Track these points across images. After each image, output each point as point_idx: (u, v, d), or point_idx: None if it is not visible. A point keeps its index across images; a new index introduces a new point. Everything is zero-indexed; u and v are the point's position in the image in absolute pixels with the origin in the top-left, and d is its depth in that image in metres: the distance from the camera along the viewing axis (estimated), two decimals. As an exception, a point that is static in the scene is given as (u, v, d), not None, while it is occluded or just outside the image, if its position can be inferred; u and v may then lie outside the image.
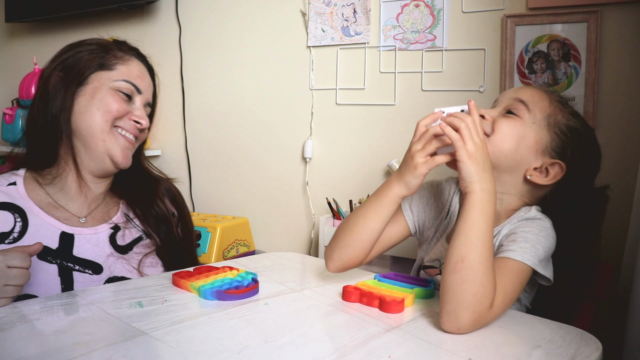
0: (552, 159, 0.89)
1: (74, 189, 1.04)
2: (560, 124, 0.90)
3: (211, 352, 0.62)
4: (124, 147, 1.04)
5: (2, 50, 2.82)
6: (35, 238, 0.96)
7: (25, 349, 0.62)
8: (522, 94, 0.92)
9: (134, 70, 1.07)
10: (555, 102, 0.92)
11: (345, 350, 0.64)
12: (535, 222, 0.86)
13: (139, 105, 1.07)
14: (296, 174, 1.91)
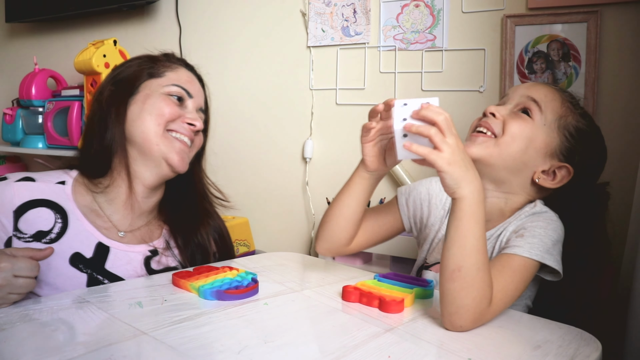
0: (560, 162, 0.88)
1: (122, 200, 1.03)
2: (570, 127, 0.89)
3: (211, 352, 0.62)
4: (180, 150, 1.03)
5: (2, 50, 2.82)
6: (72, 242, 0.96)
7: (25, 349, 0.62)
8: (535, 93, 0.90)
9: (182, 76, 1.08)
10: (567, 103, 0.91)
11: (345, 350, 0.64)
12: (542, 215, 0.86)
13: (191, 109, 1.07)
14: (296, 174, 1.91)
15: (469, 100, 1.59)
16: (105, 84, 1.08)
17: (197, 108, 1.08)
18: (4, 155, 2.62)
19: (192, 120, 1.04)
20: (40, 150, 2.23)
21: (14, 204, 0.93)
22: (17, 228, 0.93)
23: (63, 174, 1.03)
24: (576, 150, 0.88)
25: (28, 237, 0.94)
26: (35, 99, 2.24)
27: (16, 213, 0.93)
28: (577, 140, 0.89)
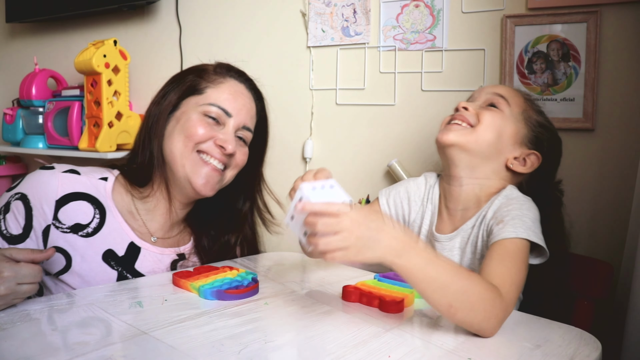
0: (529, 150, 0.97)
1: (160, 212, 1.05)
2: (533, 119, 0.99)
3: (211, 352, 0.62)
4: (206, 174, 1.01)
5: (3, 50, 2.82)
6: (107, 239, 0.98)
7: (25, 348, 0.62)
8: (500, 90, 1.01)
9: (224, 92, 1.04)
10: (528, 100, 1.03)
11: (345, 350, 0.64)
12: (515, 199, 0.91)
13: (229, 130, 1.03)
14: (296, 174, 1.90)
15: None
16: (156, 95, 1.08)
17: (237, 127, 1.04)
18: (4, 155, 2.62)
19: (222, 143, 1.01)
20: (41, 150, 2.23)
21: (57, 193, 0.96)
22: (57, 217, 0.95)
23: (106, 171, 1.05)
24: (542, 138, 0.99)
25: (66, 227, 0.96)
26: (36, 99, 2.24)
27: (58, 203, 0.95)
28: (542, 131, 1.00)
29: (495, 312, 0.69)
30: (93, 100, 1.99)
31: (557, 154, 1.08)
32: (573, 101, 1.44)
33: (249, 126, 1.07)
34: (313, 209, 0.62)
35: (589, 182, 1.44)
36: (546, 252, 0.84)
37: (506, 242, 0.80)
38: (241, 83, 1.09)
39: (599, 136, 1.42)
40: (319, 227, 0.61)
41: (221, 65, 1.10)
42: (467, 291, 0.67)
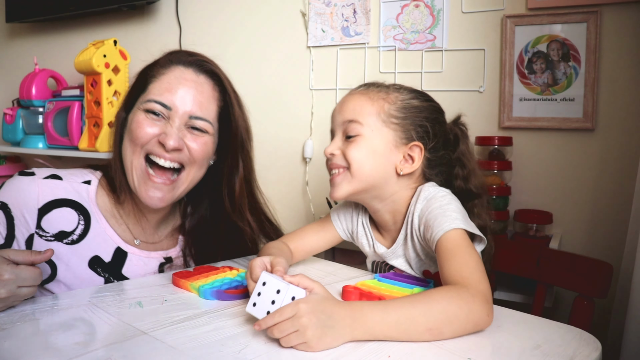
0: (406, 145, 0.90)
1: (137, 217, 1.01)
2: (390, 113, 0.89)
3: (211, 352, 0.62)
4: (152, 186, 0.93)
5: (3, 50, 2.82)
6: (92, 245, 0.95)
7: (25, 348, 0.62)
8: (346, 113, 0.90)
9: (164, 83, 0.94)
10: (376, 96, 0.91)
11: (345, 350, 0.64)
12: (432, 199, 0.88)
13: (174, 124, 0.92)
14: (296, 174, 1.91)
15: (468, 100, 1.59)
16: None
17: (184, 118, 0.93)
18: (4, 155, 2.62)
19: (162, 139, 0.90)
20: (41, 150, 2.23)
21: (39, 202, 0.92)
22: (40, 226, 0.92)
23: (89, 173, 1.01)
24: (409, 126, 0.90)
25: (50, 236, 0.93)
26: (36, 99, 2.25)
27: (40, 211, 0.92)
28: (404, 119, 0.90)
29: (472, 307, 0.69)
30: (93, 100, 1.99)
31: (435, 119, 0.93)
32: (573, 101, 1.44)
33: (200, 115, 0.94)
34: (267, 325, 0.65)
35: (589, 182, 1.44)
36: (480, 236, 0.84)
37: (442, 241, 0.80)
38: (187, 68, 0.97)
39: (599, 136, 1.42)
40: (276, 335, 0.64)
41: (167, 54, 1.00)
42: (433, 310, 0.68)
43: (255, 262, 0.80)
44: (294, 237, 1.02)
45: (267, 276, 0.70)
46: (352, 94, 0.93)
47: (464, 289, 0.71)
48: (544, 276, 1.09)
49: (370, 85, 0.94)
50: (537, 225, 1.41)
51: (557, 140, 1.48)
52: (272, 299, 0.68)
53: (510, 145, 1.48)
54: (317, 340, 0.63)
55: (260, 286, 0.70)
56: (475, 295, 0.70)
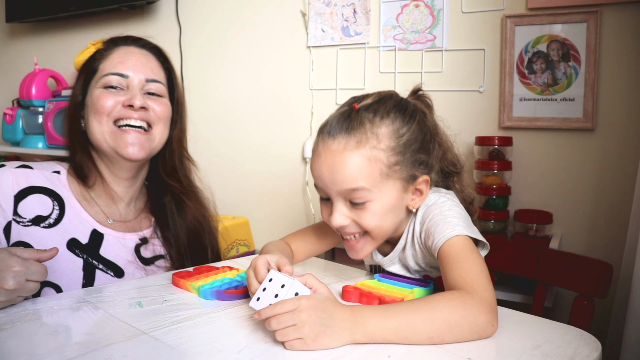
0: (414, 183, 0.84)
1: (110, 197, 1.06)
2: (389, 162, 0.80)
3: (211, 352, 0.62)
4: (130, 139, 1.00)
5: (3, 50, 2.82)
6: (68, 228, 0.98)
7: (25, 348, 0.62)
8: (345, 182, 0.79)
9: (113, 59, 1.04)
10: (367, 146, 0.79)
11: (344, 350, 0.64)
12: (433, 205, 0.85)
13: (133, 88, 1.02)
14: (296, 174, 1.91)
15: (468, 100, 1.59)
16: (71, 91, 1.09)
17: (141, 83, 1.03)
18: (4, 155, 2.62)
19: (128, 102, 1.00)
20: (41, 150, 2.23)
21: (14, 189, 0.95)
22: (17, 212, 0.95)
23: (57, 164, 1.05)
24: (410, 164, 0.82)
25: (27, 221, 0.95)
26: (36, 99, 2.25)
27: (16, 198, 0.95)
28: (403, 159, 0.81)
29: (477, 317, 0.68)
30: (93, 100, 1.99)
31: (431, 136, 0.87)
32: (573, 101, 1.44)
33: (154, 78, 1.05)
34: (267, 315, 0.64)
35: (589, 182, 1.44)
36: (482, 241, 0.82)
37: (444, 248, 0.78)
38: (129, 45, 1.07)
39: (599, 136, 1.42)
40: (273, 326, 0.63)
41: (108, 40, 1.09)
42: (435, 319, 0.67)
43: (259, 260, 0.79)
44: (295, 238, 1.02)
45: (275, 274, 0.71)
46: (339, 153, 0.79)
47: (468, 296, 0.69)
48: (544, 276, 1.09)
49: (350, 129, 0.80)
50: (537, 225, 1.41)
51: (557, 140, 1.48)
52: (275, 292, 0.68)
53: (510, 145, 1.48)
54: (313, 337, 0.62)
55: (266, 282, 0.71)
56: (481, 304, 0.68)
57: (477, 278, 0.72)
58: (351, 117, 0.81)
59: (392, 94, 0.88)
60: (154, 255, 1.08)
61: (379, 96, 0.85)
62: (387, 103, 0.84)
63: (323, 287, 0.69)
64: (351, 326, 0.65)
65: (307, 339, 0.62)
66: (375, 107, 0.82)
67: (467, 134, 1.53)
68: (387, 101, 0.84)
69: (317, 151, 0.83)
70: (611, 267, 1.00)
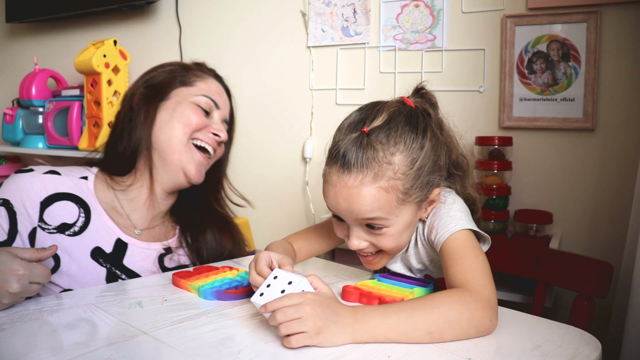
0: (427, 198, 0.83)
1: (142, 201, 1.06)
2: (405, 189, 0.78)
3: (211, 352, 0.62)
4: (199, 162, 1.05)
5: (3, 50, 2.82)
6: (94, 237, 0.99)
7: (25, 349, 0.62)
8: (362, 212, 0.78)
9: (212, 86, 1.10)
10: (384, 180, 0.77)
11: (344, 350, 0.64)
12: (439, 204, 0.86)
13: (217, 119, 1.09)
14: (296, 174, 1.91)
15: (468, 100, 1.59)
16: (137, 86, 1.09)
17: (222, 119, 1.10)
18: (4, 155, 2.62)
19: (217, 131, 1.06)
20: (41, 150, 2.23)
21: (41, 195, 0.96)
22: (42, 219, 0.95)
23: (85, 170, 1.06)
24: (424, 185, 0.80)
25: (52, 228, 0.96)
26: (36, 99, 2.25)
27: (42, 204, 0.96)
28: (417, 183, 0.80)
29: (474, 312, 0.68)
30: (93, 100, 1.99)
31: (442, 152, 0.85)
32: (573, 101, 1.44)
33: (229, 121, 1.14)
34: (274, 307, 0.65)
35: (589, 182, 1.44)
36: (485, 236, 0.82)
37: (447, 243, 0.78)
38: (219, 82, 1.15)
39: (599, 136, 1.42)
40: (278, 318, 0.64)
41: (199, 64, 1.16)
42: (433, 314, 0.67)
43: (261, 254, 0.81)
44: (298, 237, 1.02)
45: (280, 271, 0.72)
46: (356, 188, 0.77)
47: (466, 293, 0.70)
48: (544, 276, 1.09)
49: (366, 161, 0.77)
50: (537, 225, 1.41)
51: (557, 140, 1.48)
52: (282, 288, 0.69)
53: (510, 145, 1.48)
54: (317, 330, 0.63)
55: (271, 279, 0.72)
56: (478, 300, 0.69)
57: (477, 275, 0.73)
58: (363, 146, 0.77)
59: (400, 109, 0.82)
60: (178, 265, 1.08)
61: (388, 114, 0.80)
62: (398, 122, 0.80)
63: (327, 289, 0.71)
64: (353, 323, 0.65)
65: (310, 333, 0.63)
66: (386, 130, 0.78)
67: (467, 134, 1.53)
68: (397, 119, 0.80)
69: (330, 181, 0.83)
70: (611, 267, 1.00)
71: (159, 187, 1.06)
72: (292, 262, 0.85)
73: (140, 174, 1.06)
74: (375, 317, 0.67)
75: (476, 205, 0.95)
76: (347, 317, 0.66)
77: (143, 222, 1.07)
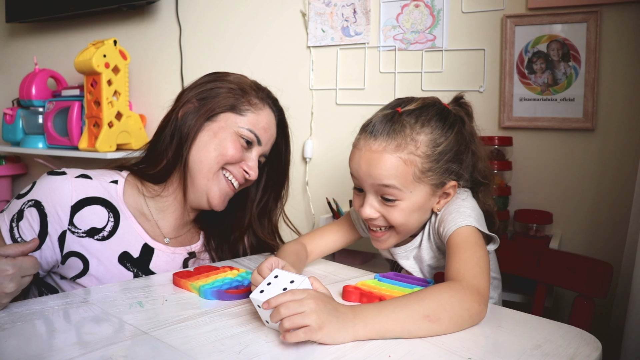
0: (443, 188, 0.89)
1: (173, 211, 1.07)
2: (423, 167, 0.85)
3: (211, 352, 0.62)
4: (224, 191, 1.04)
5: (3, 50, 2.82)
6: (122, 241, 1.00)
7: (25, 349, 0.62)
8: (379, 177, 0.84)
9: (262, 121, 1.07)
10: (405, 151, 0.84)
11: (344, 350, 0.64)
12: (452, 201, 0.90)
13: (254, 156, 1.06)
14: (296, 174, 1.91)
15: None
16: (191, 94, 1.06)
17: (260, 154, 1.08)
18: (4, 155, 2.62)
19: (249, 169, 1.04)
20: (41, 150, 2.23)
21: (72, 199, 0.96)
22: (72, 222, 0.96)
23: (115, 173, 1.06)
24: (442, 172, 0.86)
25: (82, 232, 0.97)
26: (36, 99, 2.25)
27: (73, 208, 0.96)
28: (436, 167, 0.86)
29: (463, 297, 0.71)
30: (93, 100, 1.99)
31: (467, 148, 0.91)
32: (573, 101, 1.44)
33: (267, 154, 1.11)
34: (277, 302, 0.66)
35: (589, 182, 1.44)
36: (493, 236, 0.86)
37: (452, 236, 0.83)
38: (274, 113, 1.13)
39: (599, 136, 1.42)
40: (282, 313, 0.64)
41: (261, 89, 1.13)
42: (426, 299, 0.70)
43: (269, 258, 0.82)
44: (312, 237, 1.04)
45: (280, 271, 0.74)
46: (379, 153, 0.84)
47: (456, 283, 0.74)
48: (544, 276, 1.09)
49: (392, 132, 0.85)
50: (537, 225, 1.41)
51: (557, 140, 1.48)
52: (284, 286, 0.70)
53: (510, 145, 1.48)
54: (319, 325, 0.64)
55: (271, 277, 0.73)
56: (467, 287, 0.73)
57: (470, 268, 0.77)
58: (394, 120, 0.86)
59: (435, 102, 0.91)
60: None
61: (423, 103, 0.89)
62: (430, 111, 0.88)
63: (325, 291, 0.73)
64: (353, 318, 0.67)
65: (313, 326, 0.63)
66: (417, 113, 0.87)
67: (467, 134, 1.53)
68: (429, 109, 0.88)
69: (357, 146, 0.91)
70: (611, 267, 1.00)
71: (187, 203, 1.07)
72: (300, 268, 0.89)
73: (171, 186, 1.06)
74: (372, 310, 0.69)
75: (494, 218, 0.97)
76: (347, 314, 0.67)
77: (171, 231, 1.08)
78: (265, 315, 0.69)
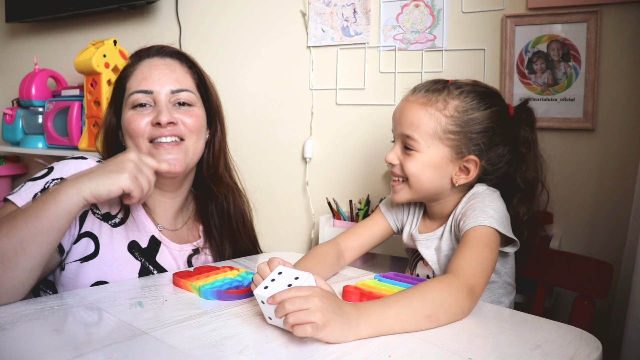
0: (462, 159, 0.93)
1: (162, 208, 1.09)
2: (447, 128, 0.91)
3: (212, 352, 0.62)
4: (166, 157, 0.99)
5: (2, 50, 2.82)
6: (131, 230, 1.02)
7: (25, 348, 0.62)
8: (404, 126, 0.93)
9: (138, 75, 1.03)
10: (434, 107, 0.92)
11: (345, 350, 0.64)
12: (479, 195, 0.93)
13: (161, 105, 0.99)
14: (296, 174, 1.91)
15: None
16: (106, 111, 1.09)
17: (166, 96, 1.01)
18: (4, 155, 2.62)
19: (155, 120, 0.98)
20: (40, 150, 2.23)
21: None
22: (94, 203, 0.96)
23: None
24: (465, 141, 0.92)
25: (100, 214, 1.00)
26: (35, 99, 2.25)
27: None
28: (460, 132, 0.91)
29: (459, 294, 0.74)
30: (93, 100, 1.99)
31: (499, 129, 0.95)
32: (573, 101, 1.44)
33: (181, 87, 1.03)
34: (282, 298, 0.66)
35: (589, 182, 1.44)
36: (515, 240, 0.89)
37: (469, 232, 0.85)
38: (153, 57, 1.06)
39: (599, 136, 1.42)
40: (287, 308, 0.64)
41: (133, 54, 1.09)
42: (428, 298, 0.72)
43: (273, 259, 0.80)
44: (347, 236, 1.06)
45: (284, 268, 0.74)
46: (411, 103, 0.94)
47: (454, 278, 0.76)
48: (544, 276, 1.09)
49: (431, 90, 0.94)
50: (537, 225, 1.41)
51: (557, 140, 1.48)
52: (289, 282, 0.70)
53: (510, 145, 1.48)
54: (325, 322, 0.64)
55: (275, 274, 0.73)
56: (464, 284, 0.75)
57: (472, 265, 0.79)
58: (439, 84, 0.95)
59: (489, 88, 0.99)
60: (204, 264, 1.09)
61: (474, 82, 0.98)
62: (475, 88, 0.95)
63: (329, 288, 0.74)
64: (357, 317, 0.67)
65: (318, 323, 0.63)
66: (463, 87, 0.95)
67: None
68: (476, 87, 0.96)
69: (403, 98, 0.99)
70: (611, 267, 1.00)
71: (164, 192, 1.07)
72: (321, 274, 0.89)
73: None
74: (376, 310, 0.69)
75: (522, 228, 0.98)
76: (351, 313, 0.67)
77: (165, 222, 1.09)
78: (268, 311, 0.69)
